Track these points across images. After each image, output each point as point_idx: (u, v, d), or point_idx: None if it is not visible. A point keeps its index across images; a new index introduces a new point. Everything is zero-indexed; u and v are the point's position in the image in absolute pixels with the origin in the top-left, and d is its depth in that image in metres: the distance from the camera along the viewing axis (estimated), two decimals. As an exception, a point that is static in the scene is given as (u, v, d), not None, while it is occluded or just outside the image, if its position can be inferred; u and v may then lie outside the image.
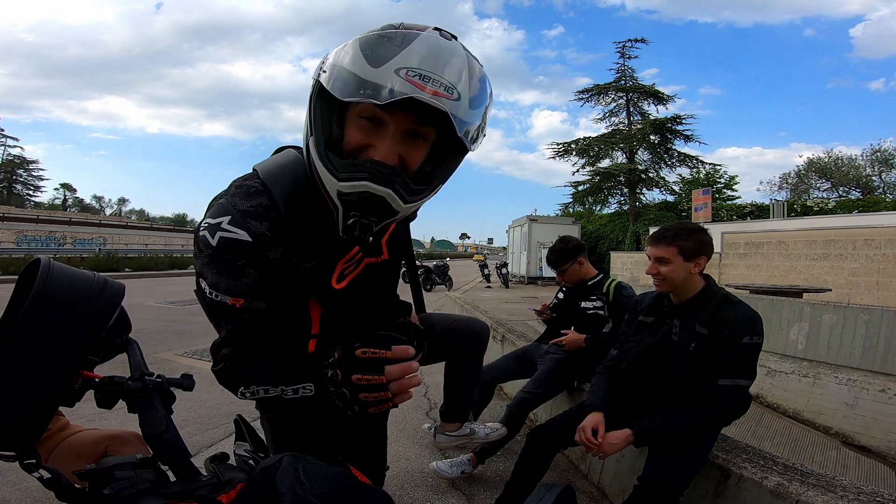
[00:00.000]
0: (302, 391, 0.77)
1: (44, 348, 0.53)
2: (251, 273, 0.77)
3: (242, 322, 0.79)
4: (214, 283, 0.76)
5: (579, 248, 2.68)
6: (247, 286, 0.77)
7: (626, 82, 22.44)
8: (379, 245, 0.93)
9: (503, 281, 17.07)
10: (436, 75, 0.65)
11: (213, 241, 0.75)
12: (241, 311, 0.78)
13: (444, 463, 2.50)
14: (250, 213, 0.76)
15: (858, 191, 24.79)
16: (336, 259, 0.86)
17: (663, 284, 1.71)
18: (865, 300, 8.39)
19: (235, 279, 0.76)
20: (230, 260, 0.75)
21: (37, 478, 0.53)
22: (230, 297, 0.77)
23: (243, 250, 0.75)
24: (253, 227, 0.75)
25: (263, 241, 0.76)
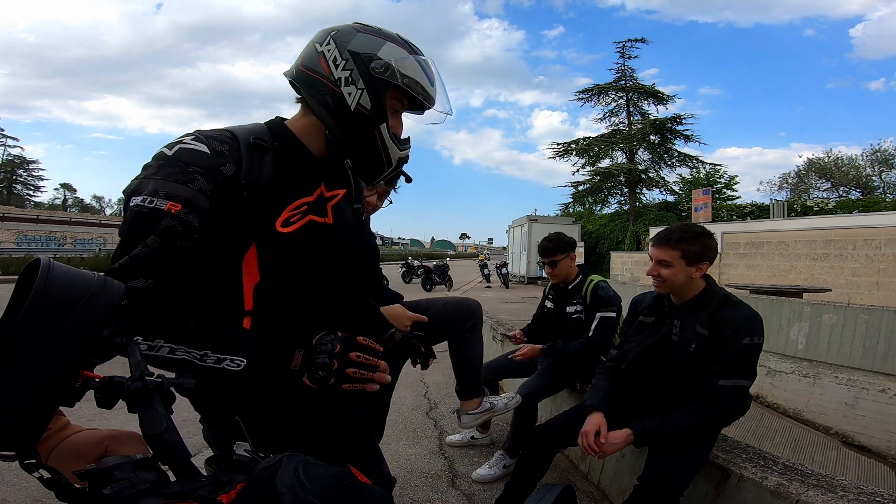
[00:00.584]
0: (227, 363, 0.77)
1: (44, 348, 0.52)
2: (200, 181, 0.80)
3: (170, 236, 0.76)
4: (154, 191, 0.77)
5: (573, 244, 2.70)
6: (191, 193, 0.79)
7: (626, 82, 22.46)
8: (325, 207, 0.99)
9: (503, 281, 17.08)
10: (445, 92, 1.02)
11: (171, 152, 0.81)
12: (175, 219, 0.76)
13: (482, 469, 2.53)
14: (213, 136, 0.86)
15: (858, 191, 24.79)
16: (284, 204, 0.92)
17: (663, 286, 1.70)
18: (865, 300, 8.39)
19: (182, 184, 0.79)
20: (182, 166, 0.80)
21: (37, 478, 0.53)
22: (168, 202, 0.77)
23: (199, 160, 0.82)
24: (213, 144, 0.84)
25: (220, 157, 0.84)
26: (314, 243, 0.96)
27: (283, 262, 0.91)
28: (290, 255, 0.92)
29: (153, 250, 0.75)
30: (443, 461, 2.70)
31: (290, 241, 0.91)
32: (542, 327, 2.85)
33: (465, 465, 2.66)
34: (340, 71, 0.91)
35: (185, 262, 0.79)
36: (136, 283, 0.74)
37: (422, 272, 15.08)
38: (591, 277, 2.62)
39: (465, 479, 2.50)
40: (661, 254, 1.68)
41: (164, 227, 0.76)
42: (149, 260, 0.75)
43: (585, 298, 2.55)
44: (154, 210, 0.76)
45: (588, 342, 2.45)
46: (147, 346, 0.74)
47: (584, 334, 2.49)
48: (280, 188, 0.91)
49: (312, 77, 0.93)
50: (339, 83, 0.91)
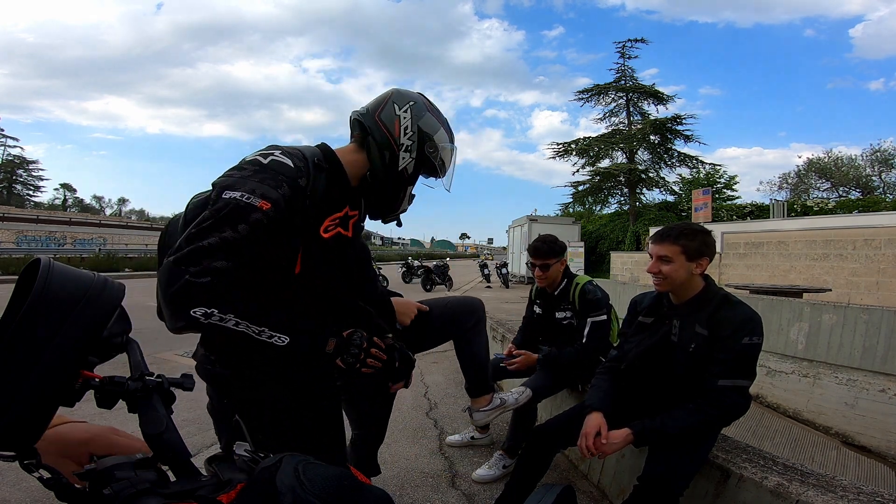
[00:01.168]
0: (276, 339, 0.95)
1: (44, 348, 0.52)
2: (285, 188, 0.99)
3: (257, 228, 0.93)
4: (252, 189, 0.96)
5: (564, 247, 2.63)
6: (279, 196, 0.98)
7: (626, 82, 22.47)
8: (348, 223, 1.20)
9: (503, 281, 17.07)
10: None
11: (265, 161, 1.02)
12: (264, 215, 0.94)
13: (482, 469, 2.52)
14: (293, 153, 1.07)
15: (858, 191, 24.79)
16: (326, 215, 1.12)
17: (663, 283, 1.70)
18: (865, 300, 8.39)
19: (274, 188, 0.98)
20: (274, 174, 1.00)
21: (37, 478, 0.53)
22: (261, 200, 0.95)
23: (286, 171, 1.02)
24: (295, 161, 1.05)
25: (299, 171, 1.04)
26: (340, 250, 1.17)
27: (321, 260, 1.11)
28: (326, 256, 1.12)
29: (241, 236, 0.92)
30: (443, 461, 2.70)
31: (327, 245, 1.12)
32: (533, 333, 2.79)
33: (465, 465, 2.66)
34: (406, 139, 1.17)
35: (261, 251, 0.96)
36: (218, 263, 0.89)
37: (422, 272, 15.08)
38: (577, 280, 2.56)
39: (465, 479, 2.50)
40: (661, 250, 1.68)
41: (254, 219, 0.93)
42: (236, 244, 0.91)
43: (574, 303, 2.50)
44: (250, 205, 0.94)
45: (583, 349, 2.42)
46: (220, 317, 0.89)
47: (578, 341, 2.45)
48: (326, 202, 1.11)
49: (384, 133, 1.17)
50: (401, 148, 1.17)
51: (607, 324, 2.43)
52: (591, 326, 2.41)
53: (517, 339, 2.89)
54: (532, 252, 2.59)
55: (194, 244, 0.89)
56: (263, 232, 0.95)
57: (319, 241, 1.10)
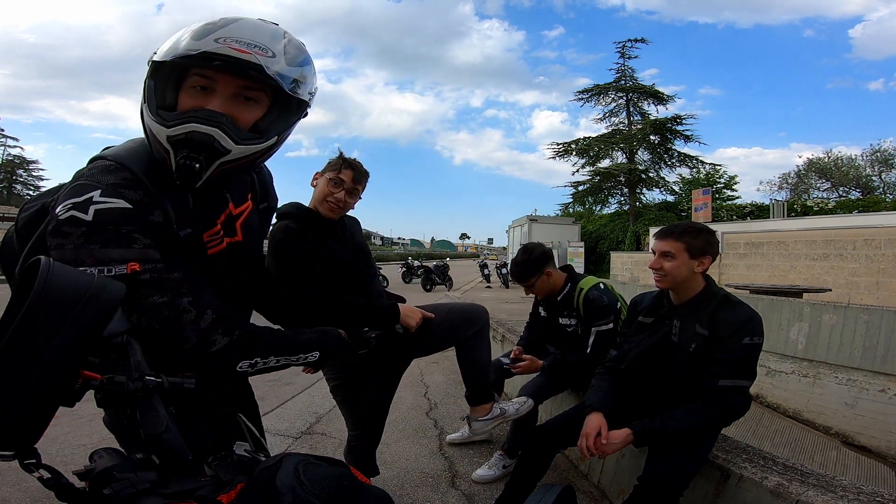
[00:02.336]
0: (310, 357, 0.95)
1: (44, 348, 0.53)
2: (140, 238, 0.75)
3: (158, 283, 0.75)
4: (102, 259, 0.71)
5: (545, 258, 2.37)
6: (140, 252, 0.74)
7: (626, 82, 22.45)
8: (234, 226, 0.99)
9: (503, 281, 17.06)
10: (250, 40, 0.79)
11: (88, 215, 0.72)
12: (145, 274, 0.74)
13: (482, 469, 2.51)
14: (120, 184, 0.77)
15: (858, 191, 24.77)
16: (201, 231, 0.90)
17: (665, 280, 1.69)
18: (865, 300, 8.39)
19: (127, 246, 0.74)
20: (113, 230, 0.73)
21: (37, 478, 0.53)
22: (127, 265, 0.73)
23: (126, 218, 0.75)
24: (127, 195, 0.76)
25: (142, 207, 0.77)
26: (229, 262, 0.98)
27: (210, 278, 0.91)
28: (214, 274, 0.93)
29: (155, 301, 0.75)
30: (443, 461, 2.70)
31: (214, 263, 0.93)
32: (538, 335, 2.73)
33: (465, 465, 2.66)
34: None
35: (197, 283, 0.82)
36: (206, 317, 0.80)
37: (422, 272, 15.07)
38: (581, 286, 2.37)
39: (465, 479, 2.50)
40: (664, 245, 1.68)
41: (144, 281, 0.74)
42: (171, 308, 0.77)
43: (579, 311, 2.35)
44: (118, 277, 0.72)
45: (588, 360, 2.28)
46: (263, 362, 0.86)
47: (583, 350, 2.34)
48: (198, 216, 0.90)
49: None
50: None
51: (613, 332, 2.29)
52: (596, 336, 2.29)
53: (523, 340, 2.82)
54: (512, 278, 2.52)
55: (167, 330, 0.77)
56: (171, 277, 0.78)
57: (207, 261, 0.92)
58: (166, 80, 0.81)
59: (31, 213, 0.89)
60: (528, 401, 2.04)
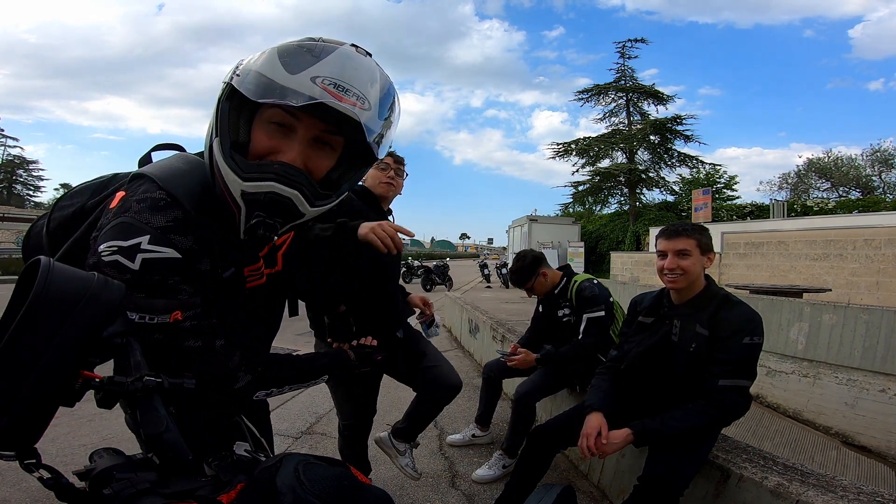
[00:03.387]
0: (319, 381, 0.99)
1: (44, 348, 0.52)
2: (186, 289, 0.71)
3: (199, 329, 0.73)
4: (145, 308, 0.68)
5: (537, 262, 2.63)
6: (183, 302, 0.71)
7: (626, 82, 22.45)
8: (275, 257, 0.93)
9: (503, 281, 17.05)
10: (350, 86, 0.69)
11: (135, 264, 0.67)
12: (186, 322, 0.71)
13: (482, 469, 2.54)
14: (170, 227, 0.70)
15: (858, 191, 24.77)
16: (243, 267, 0.84)
17: (681, 279, 1.66)
18: (865, 300, 8.39)
19: (172, 297, 0.70)
20: (159, 281, 0.68)
21: (37, 478, 0.53)
22: (169, 315, 0.69)
23: (174, 268, 0.69)
24: (178, 242, 0.70)
25: (192, 256, 0.72)
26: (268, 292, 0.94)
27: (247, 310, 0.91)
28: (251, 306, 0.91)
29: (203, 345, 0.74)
30: (443, 461, 2.70)
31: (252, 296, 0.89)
32: (538, 331, 2.86)
33: (465, 465, 2.66)
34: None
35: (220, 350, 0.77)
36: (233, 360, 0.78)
37: (422, 272, 15.08)
38: (576, 278, 2.61)
39: (465, 479, 2.50)
40: (678, 244, 1.66)
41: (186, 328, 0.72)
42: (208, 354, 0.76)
43: (572, 301, 2.55)
44: (160, 325, 0.69)
45: (579, 344, 2.46)
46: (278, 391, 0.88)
47: (575, 337, 2.50)
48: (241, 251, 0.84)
49: None
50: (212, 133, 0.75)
51: (605, 319, 2.46)
52: (587, 322, 2.46)
53: (523, 339, 2.96)
54: (512, 283, 2.79)
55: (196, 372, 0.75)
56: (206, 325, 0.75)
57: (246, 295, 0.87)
58: (240, 107, 0.72)
59: (66, 213, 0.84)
60: (416, 473, 2.20)
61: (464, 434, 2.97)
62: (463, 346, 5.88)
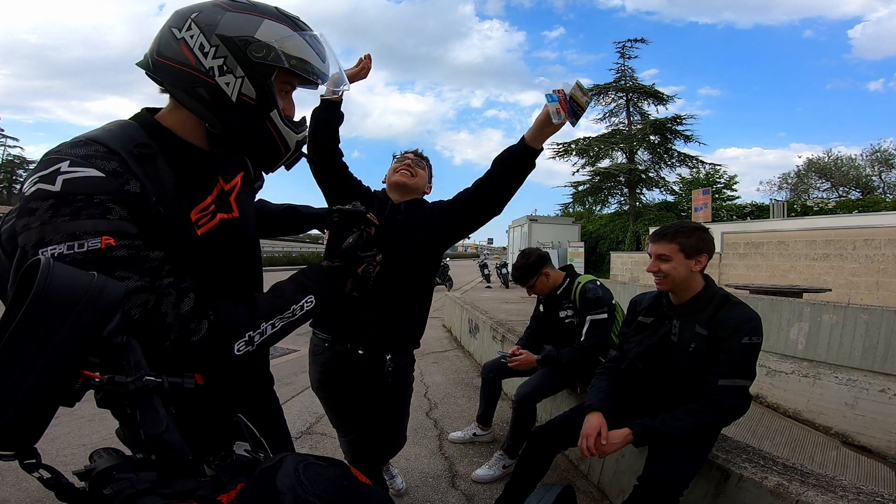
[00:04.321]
0: (306, 305, 0.90)
1: (44, 348, 0.52)
2: (116, 209, 0.68)
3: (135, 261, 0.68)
4: (73, 234, 0.64)
5: (542, 260, 2.60)
6: (116, 223, 0.68)
7: (626, 82, 22.44)
8: (228, 202, 0.93)
9: (503, 281, 17.05)
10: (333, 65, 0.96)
11: (55, 186, 0.66)
12: (120, 250, 0.67)
13: (482, 469, 2.54)
14: (91, 155, 0.70)
15: (858, 191, 24.76)
16: (188, 208, 0.83)
17: (664, 282, 1.70)
18: (865, 300, 8.39)
19: (100, 217, 0.66)
20: (84, 200, 0.66)
21: (37, 478, 0.53)
22: (101, 238, 0.65)
23: (98, 187, 0.68)
24: (100, 165, 0.70)
25: (117, 176, 0.70)
26: (227, 240, 0.92)
27: (206, 261, 0.86)
28: (211, 254, 0.87)
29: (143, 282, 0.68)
30: (443, 461, 2.70)
31: (207, 242, 0.86)
32: (538, 332, 2.85)
33: (465, 465, 2.66)
34: (211, 59, 0.79)
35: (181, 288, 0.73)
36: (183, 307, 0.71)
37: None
38: (579, 279, 2.57)
39: (465, 479, 2.50)
40: (658, 248, 1.69)
41: (119, 258, 0.67)
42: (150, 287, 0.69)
43: (575, 302, 2.52)
44: (91, 252, 0.65)
45: (581, 347, 2.44)
46: (259, 333, 0.81)
47: (577, 339, 2.48)
48: (182, 192, 0.82)
49: (176, 68, 0.80)
50: (213, 73, 0.79)
51: (608, 322, 2.44)
52: (591, 324, 2.44)
53: (522, 340, 2.94)
54: (514, 281, 2.75)
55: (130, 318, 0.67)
56: (148, 256, 0.70)
57: (197, 242, 0.84)
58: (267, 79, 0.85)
59: (11, 224, 0.77)
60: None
61: (465, 432, 2.98)
62: (463, 346, 5.88)
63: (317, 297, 0.91)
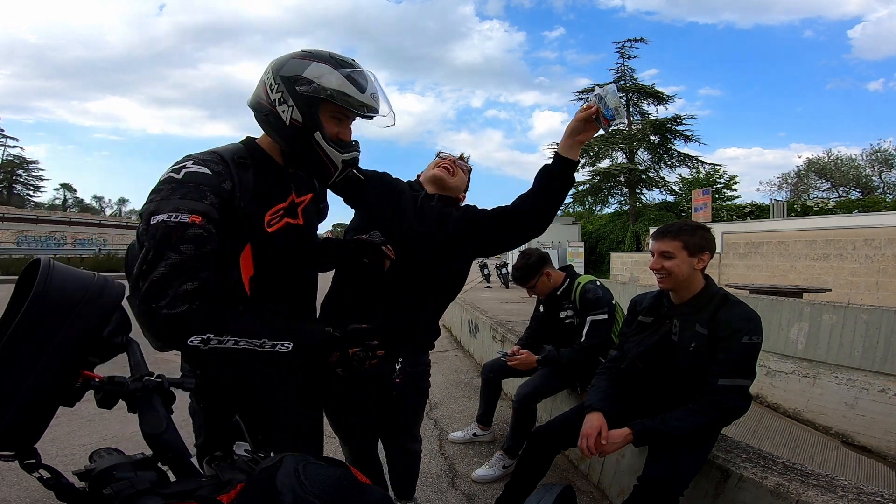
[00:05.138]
0: (280, 346, 0.93)
1: (44, 348, 0.52)
2: (211, 197, 0.95)
3: (200, 242, 0.89)
4: (176, 208, 0.90)
5: (542, 261, 2.59)
6: (206, 207, 0.93)
7: (626, 82, 22.44)
8: (296, 211, 1.18)
9: (503, 281, 17.04)
10: (378, 98, 1.13)
11: (179, 175, 0.94)
12: (200, 229, 0.90)
13: (482, 469, 2.53)
14: (208, 159, 1.00)
15: (858, 191, 24.77)
16: (265, 209, 1.09)
17: (667, 280, 1.69)
18: (865, 300, 8.39)
19: (198, 200, 0.92)
20: (194, 186, 0.94)
21: (37, 478, 0.53)
22: (190, 215, 0.89)
23: (206, 180, 0.96)
24: (212, 166, 0.98)
25: (220, 176, 0.99)
26: (290, 242, 1.15)
27: (271, 256, 1.10)
28: (275, 251, 1.10)
29: (189, 256, 0.87)
30: (443, 461, 2.70)
31: (274, 240, 1.09)
32: (538, 332, 2.85)
33: (465, 465, 2.66)
34: (275, 94, 1.06)
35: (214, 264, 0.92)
36: (185, 286, 0.85)
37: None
38: (579, 280, 2.57)
39: (465, 479, 2.50)
40: (662, 245, 1.69)
41: (192, 235, 0.89)
42: (188, 265, 0.87)
43: (575, 303, 2.52)
44: (181, 223, 0.88)
45: (581, 348, 2.44)
46: (218, 340, 0.86)
47: (577, 340, 2.48)
48: (261, 196, 1.08)
49: (259, 103, 1.10)
50: (275, 104, 1.06)
51: (608, 322, 2.44)
52: (591, 325, 2.44)
53: (522, 340, 2.94)
54: (514, 281, 2.75)
55: (148, 279, 0.84)
56: (209, 244, 0.91)
57: (266, 238, 1.08)
58: (313, 107, 1.07)
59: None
60: None
61: (465, 432, 2.98)
62: (463, 346, 5.88)
63: (295, 346, 0.96)
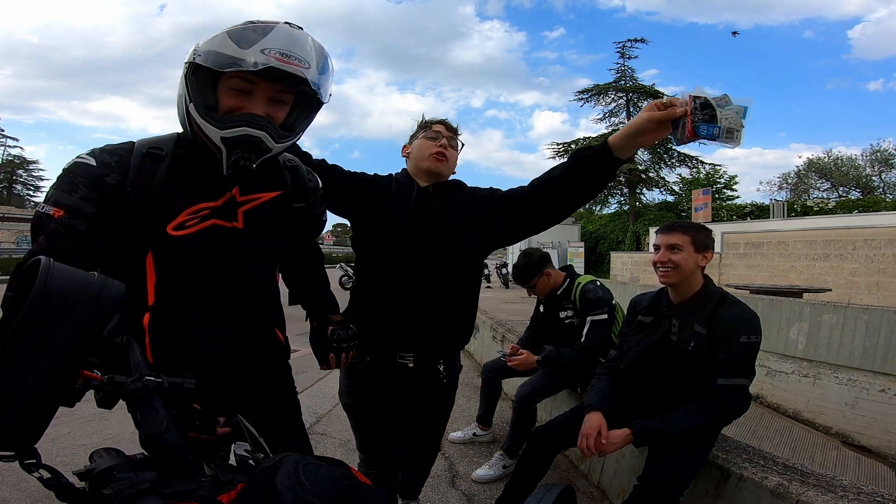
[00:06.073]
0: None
1: (44, 349, 0.52)
2: (83, 190, 0.89)
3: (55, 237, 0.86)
4: (48, 198, 0.88)
5: (543, 260, 2.60)
6: (76, 200, 0.88)
7: (626, 82, 22.48)
8: (234, 212, 0.99)
9: (503, 281, 17.05)
10: (290, 52, 0.87)
11: (68, 165, 0.91)
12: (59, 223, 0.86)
13: (482, 469, 2.53)
14: (107, 150, 0.94)
15: (858, 191, 24.78)
16: (180, 208, 0.95)
17: (672, 274, 1.68)
18: (865, 300, 8.38)
19: (68, 192, 0.88)
20: (72, 177, 0.89)
21: (37, 478, 0.53)
22: (53, 208, 0.86)
23: (84, 172, 0.90)
24: (103, 158, 0.92)
25: (105, 168, 0.91)
26: (216, 246, 0.98)
27: (180, 260, 0.96)
28: (182, 256, 0.96)
29: (43, 248, 0.85)
30: (443, 461, 2.70)
31: (183, 243, 0.95)
32: (537, 332, 2.84)
33: (465, 465, 2.66)
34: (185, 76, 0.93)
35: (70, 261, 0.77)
36: None
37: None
38: (579, 280, 2.58)
39: (465, 479, 2.50)
40: (670, 238, 1.69)
41: (50, 229, 0.86)
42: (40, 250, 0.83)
43: (575, 303, 2.53)
44: (44, 215, 0.87)
45: (581, 348, 2.44)
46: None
47: (577, 340, 2.48)
48: (174, 191, 0.94)
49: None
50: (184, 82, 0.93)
51: (608, 322, 2.44)
52: (591, 325, 2.44)
53: (521, 340, 2.93)
54: (515, 281, 2.75)
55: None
56: (65, 241, 0.86)
57: (168, 241, 0.93)
58: (205, 80, 0.90)
59: None
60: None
61: (465, 432, 2.98)
62: (463, 346, 5.87)
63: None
